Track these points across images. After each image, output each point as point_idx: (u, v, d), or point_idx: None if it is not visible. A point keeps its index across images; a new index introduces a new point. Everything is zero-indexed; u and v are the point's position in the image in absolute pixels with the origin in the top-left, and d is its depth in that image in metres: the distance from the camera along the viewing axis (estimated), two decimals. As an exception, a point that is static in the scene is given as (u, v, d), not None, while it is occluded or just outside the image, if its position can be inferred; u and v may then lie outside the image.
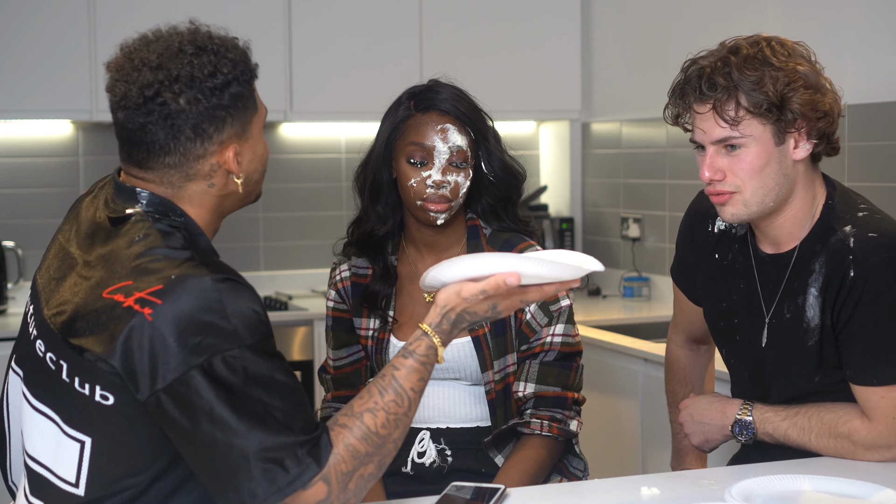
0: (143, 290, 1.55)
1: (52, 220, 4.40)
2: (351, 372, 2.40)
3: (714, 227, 2.21)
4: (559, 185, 4.98)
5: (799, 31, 3.65)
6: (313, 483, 1.56)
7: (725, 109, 1.96)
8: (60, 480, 1.63)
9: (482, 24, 4.61)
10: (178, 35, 1.71)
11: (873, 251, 1.96)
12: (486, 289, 1.68)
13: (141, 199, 1.68)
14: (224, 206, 1.74)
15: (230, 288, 1.57)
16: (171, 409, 1.53)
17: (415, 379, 1.67)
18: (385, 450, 1.64)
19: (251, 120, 1.71)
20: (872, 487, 1.81)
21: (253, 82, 1.73)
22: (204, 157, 1.67)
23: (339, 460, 1.59)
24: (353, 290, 2.37)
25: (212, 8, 4.22)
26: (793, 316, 2.06)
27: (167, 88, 1.65)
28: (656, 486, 1.92)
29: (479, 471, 2.30)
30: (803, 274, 2.04)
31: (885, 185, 3.32)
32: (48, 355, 1.63)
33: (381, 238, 2.33)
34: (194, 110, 1.65)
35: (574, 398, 2.29)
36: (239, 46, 1.73)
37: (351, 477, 1.59)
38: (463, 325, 1.73)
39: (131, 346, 1.53)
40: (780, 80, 1.94)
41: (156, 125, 1.65)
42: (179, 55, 1.67)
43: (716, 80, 1.95)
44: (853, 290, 1.97)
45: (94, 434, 1.60)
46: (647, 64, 4.46)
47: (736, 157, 1.98)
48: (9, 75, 4.05)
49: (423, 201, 2.24)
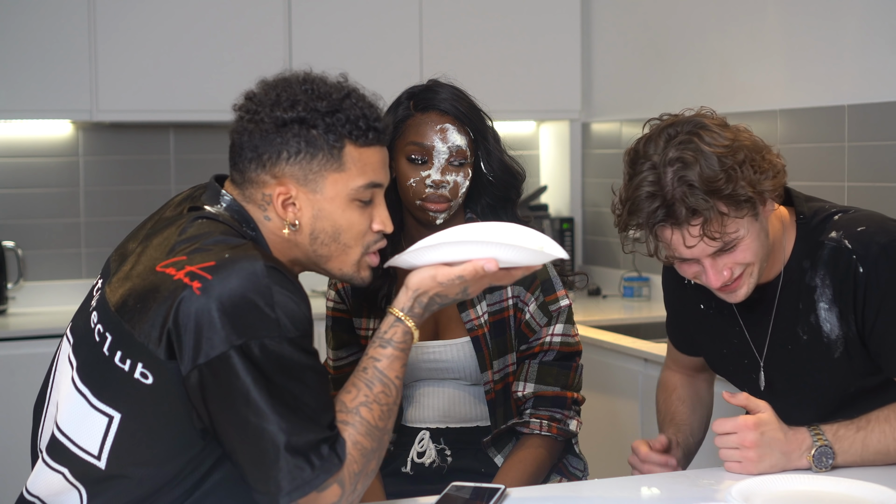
0: (196, 264, 1.58)
1: (52, 220, 4.40)
2: (350, 372, 2.39)
3: (692, 280, 2.10)
4: (559, 185, 4.98)
5: (799, 32, 3.66)
6: (329, 485, 1.57)
7: (713, 231, 1.87)
8: (84, 452, 1.65)
9: (482, 25, 4.61)
10: (315, 75, 1.78)
11: (870, 242, 1.95)
12: (462, 274, 1.71)
13: (223, 200, 1.73)
14: (295, 253, 1.73)
15: (280, 279, 1.59)
16: (210, 385, 1.56)
17: (398, 367, 1.70)
18: (383, 443, 1.66)
19: (325, 174, 1.69)
20: (873, 487, 1.81)
21: (345, 141, 1.69)
22: (256, 183, 1.70)
23: (350, 461, 1.60)
24: (352, 290, 2.38)
25: (212, 8, 4.22)
26: (810, 337, 2.02)
27: (251, 106, 1.71)
28: (656, 486, 1.92)
29: (479, 470, 2.30)
30: (804, 293, 2.01)
31: (885, 185, 3.31)
32: (98, 327, 1.66)
33: None
34: (256, 130, 1.69)
35: (573, 398, 2.29)
36: (347, 98, 1.72)
37: (359, 477, 1.61)
38: (433, 308, 1.75)
39: (179, 318, 1.56)
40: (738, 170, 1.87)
41: (235, 135, 1.72)
42: (284, 83, 1.73)
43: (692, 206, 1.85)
44: (869, 285, 1.95)
45: (125, 411, 1.62)
46: (647, 64, 4.46)
47: (733, 252, 1.93)
48: (9, 75, 4.05)
49: (422, 201, 2.24)
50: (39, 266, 4.39)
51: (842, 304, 1.98)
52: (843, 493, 1.82)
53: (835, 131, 3.47)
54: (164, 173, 4.48)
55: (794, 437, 1.93)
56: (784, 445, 1.92)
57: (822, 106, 3.52)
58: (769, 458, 1.92)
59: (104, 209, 4.42)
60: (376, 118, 1.73)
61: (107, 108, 4.13)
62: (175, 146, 4.51)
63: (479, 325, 2.27)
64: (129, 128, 4.45)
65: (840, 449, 1.93)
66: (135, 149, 4.47)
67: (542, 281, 2.28)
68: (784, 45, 3.73)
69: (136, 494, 1.64)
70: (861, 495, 1.80)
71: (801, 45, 3.64)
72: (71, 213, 4.42)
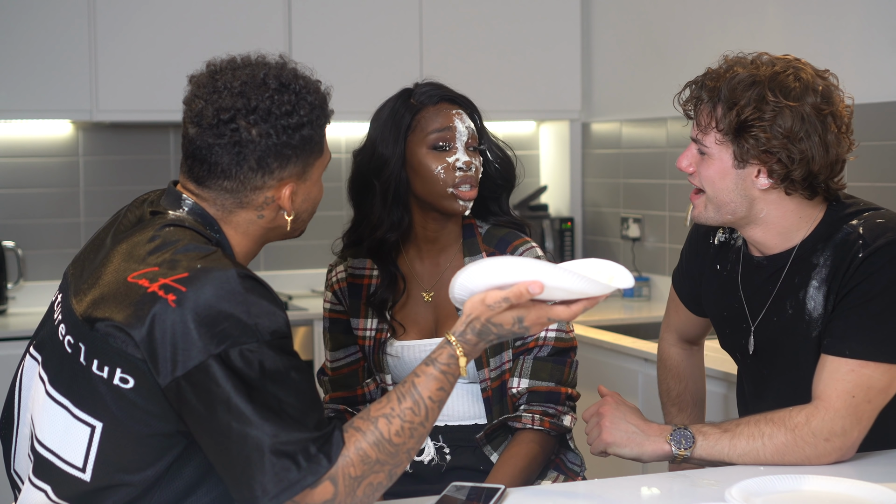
0: (169, 276, 1.58)
1: (52, 220, 4.40)
2: (348, 373, 2.40)
3: (715, 240, 2.24)
4: (559, 185, 4.98)
5: (799, 31, 3.66)
6: (321, 482, 1.56)
7: (701, 115, 2.03)
8: (67, 465, 1.63)
9: (482, 25, 4.61)
10: (265, 66, 1.74)
11: (882, 233, 1.98)
12: (508, 296, 1.64)
13: (185, 205, 1.73)
14: (268, 237, 1.79)
15: (254, 285, 1.60)
16: (190, 396, 1.55)
17: (434, 388, 1.65)
18: (397, 459, 1.63)
19: (314, 163, 1.76)
20: (872, 487, 1.81)
21: (325, 127, 1.76)
22: (261, 189, 1.72)
23: (347, 463, 1.59)
24: (349, 291, 2.38)
25: (212, 8, 4.22)
26: (794, 311, 2.06)
27: (243, 117, 1.69)
28: (656, 486, 1.92)
29: (478, 468, 2.30)
30: (804, 269, 2.04)
31: (885, 185, 3.31)
32: (67, 338, 1.65)
33: (392, 244, 2.33)
34: (263, 143, 1.69)
35: (568, 393, 2.30)
36: (320, 90, 1.77)
37: (360, 483, 1.59)
38: (490, 338, 1.68)
39: (154, 331, 1.55)
40: (753, 111, 1.96)
41: (223, 149, 1.69)
42: (262, 87, 1.70)
43: (706, 85, 2.03)
44: (860, 270, 1.97)
45: (106, 419, 1.61)
46: (647, 64, 4.46)
47: (702, 162, 2.05)
48: (9, 75, 4.05)
49: (454, 188, 2.25)
50: (39, 266, 4.39)
51: (831, 284, 2.00)
52: (843, 493, 1.82)
53: (835, 131, 3.47)
54: (163, 173, 4.48)
55: (654, 424, 2.06)
56: (642, 425, 2.06)
57: (822, 106, 3.52)
58: (622, 427, 2.06)
59: (104, 209, 4.41)
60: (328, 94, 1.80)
61: (107, 108, 4.13)
62: (175, 146, 4.51)
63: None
64: (129, 128, 4.45)
65: (703, 443, 1.99)
66: (135, 149, 4.47)
67: None
68: (784, 45, 3.73)
69: (126, 500, 1.63)
70: (861, 495, 1.80)
71: (801, 45, 3.64)
72: (71, 213, 4.42)
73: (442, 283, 2.33)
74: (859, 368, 1.95)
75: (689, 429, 2.01)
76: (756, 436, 1.97)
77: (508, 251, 2.30)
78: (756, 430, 1.97)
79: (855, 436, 1.96)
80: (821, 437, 1.95)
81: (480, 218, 2.37)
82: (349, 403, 2.39)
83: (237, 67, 1.75)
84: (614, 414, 2.08)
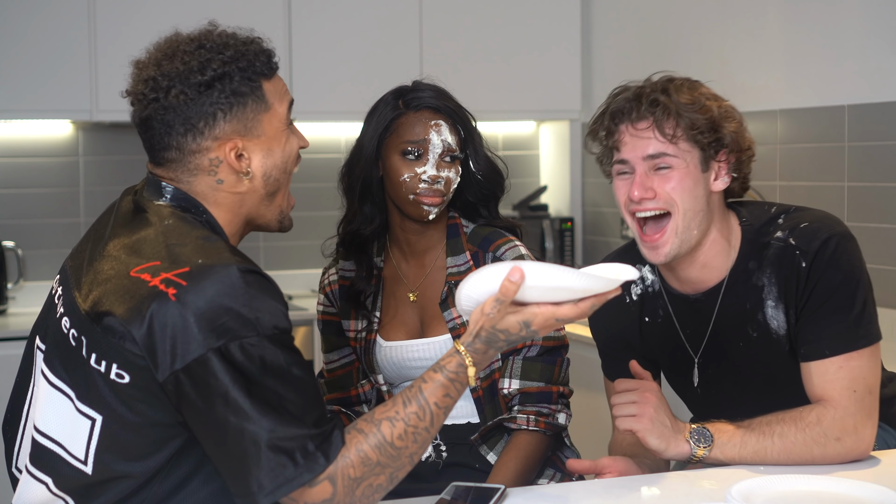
0: (171, 270, 1.58)
1: (52, 220, 4.40)
2: (343, 374, 2.41)
3: (632, 295, 2.19)
4: (559, 185, 4.98)
5: (799, 32, 3.66)
6: (319, 481, 1.56)
7: (665, 126, 1.98)
8: (71, 457, 1.64)
9: (482, 25, 4.61)
10: (187, 35, 1.75)
11: (811, 238, 1.99)
12: (498, 297, 1.62)
13: (165, 192, 1.72)
14: (246, 206, 1.75)
15: (255, 280, 1.60)
16: (189, 389, 1.55)
17: (440, 394, 1.64)
18: (399, 463, 1.62)
19: (259, 118, 1.72)
20: (873, 487, 1.81)
21: (260, 80, 1.73)
22: (199, 151, 1.70)
23: (347, 464, 1.58)
24: (340, 293, 2.39)
25: (212, 8, 4.22)
26: (759, 334, 2.05)
27: (159, 84, 1.68)
28: (656, 486, 1.92)
29: (473, 466, 2.31)
30: (751, 292, 2.05)
31: (885, 185, 3.32)
32: (71, 332, 1.65)
33: (366, 238, 2.34)
34: (182, 105, 1.68)
35: (560, 392, 2.30)
36: (242, 44, 1.75)
37: (359, 484, 1.59)
38: (499, 344, 1.66)
39: (154, 325, 1.55)
40: (715, 108, 2.01)
41: (153, 120, 1.70)
42: (177, 53, 1.71)
43: (658, 98, 1.99)
44: (809, 278, 1.98)
45: (105, 412, 1.61)
46: (647, 64, 4.46)
47: (664, 177, 2.00)
48: (9, 75, 4.05)
49: (416, 195, 2.25)
50: (39, 266, 4.39)
51: (787, 300, 2.01)
52: (843, 493, 1.82)
53: (835, 131, 3.47)
54: (164, 173, 4.47)
55: (678, 421, 2.00)
56: (673, 421, 1.98)
57: (822, 106, 3.52)
58: (660, 418, 1.97)
59: (104, 209, 4.41)
60: (269, 49, 1.78)
61: (107, 108, 4.13)
62: (175, 146, 4.50)
63: (461, 324, 2.28)
64: (129, 128, 4.44)
65: (720, 440, 1.96)
66: (135, 149, 4.44)
67: None
68: (784, 45, 3.73)
69: (127, 492, 1.63)
70: (861, 495, 1.80)
71: (801, 45, 3.64)
72: (71, 213, 4.42)
73: (427, 283, 2.34)
74: (847, 363, 1.95)
75: (708, 427, 1.99)
76: (767, 434, 1.96)
77: (490, 250, 2.30)
78: (768, 429, 1.96)
79: (868, 434, 1.96)
80: (832, 437, 1.95)
81: (470, 218, 2.37)
82: (343, 405, 2.39)
83: (163, 42, 1.76)
84: (658, 405, 1.98)
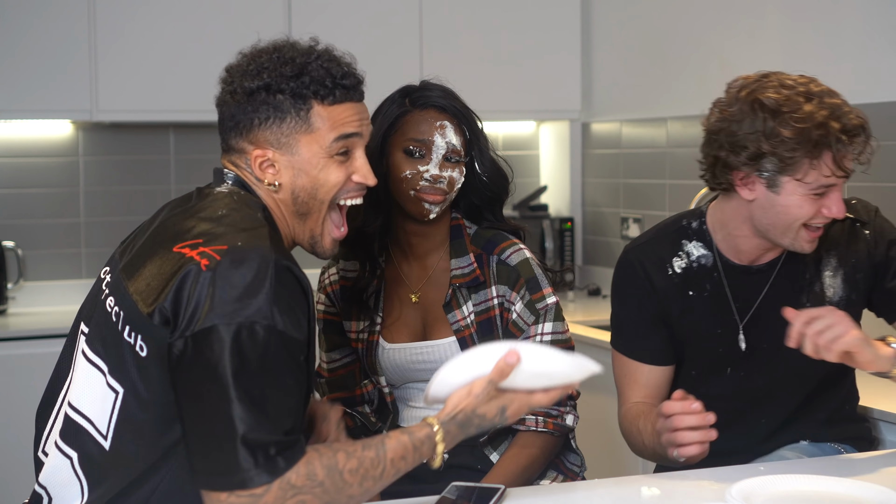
0: (209, 246, 1.62)
1: (52, 220, 4.40)
2: (345, 374, 2.40)
3: (676, 268, 2.23)
4: (559, 185, 4.98)
5: (799, 31, 3.66)
6: (264, 482, 1.54)
7: (866, 149, 2.12)
8: (97, 431, 1.67)
9: (482, 25, 4.61)
10: (278, 43, 1.81)
11: (863, 210, 2.22)
12: (491, 378, 1.67)
13: (227, 178, 1.79)
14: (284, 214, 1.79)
15: (288, 280, 1.62)
16: (188, 355, 1.57)
17: (398, 455, 1.66)
18: (338, 496, 1.60)
19: (297, 137, 1.75)
20: (872, 487, 1.81)
21: (311, 102, 1.75)
22: (238, 150, 1.78)
23: (293, 470, 1.57)
24: (341, 293, 2.38)
25: (212, 8, 4.22)
26: (813, 304, 2.16)
27: (226, 78, 1.79)
28: (656, 486, 1.92)
29: (475, 467, 2.29)
30: (811, 264, 2.18)
31: (885, 185, 3.31)
32: (115, 309, 1.69)
33: (368, 235, 2.33)
34: (232, 103, 1.76)
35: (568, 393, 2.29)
36: (312, 62, 1.76)
37: (294, 495, 1.57)
38: (469, 430, 1.71)
39: (182, 290, 1.59)
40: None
41: (219, 108, 1.80)
42: (260, 55, 1.78)
43: (865, 126, 2.11)
44: (878, 244, 2.16)
45: (126, 385, 1.65)
46: (647, 64, 4.46)
47: (839, 191, 2.12)
48: (9, 75, 4.05)
49: (416, 192, 2.24)
50: (39, 266, 4.40)
51: (847, 268, 2.16)
52: (843, 493, 1.82)
53: (835, 131, 3.47)
54: (163, 173, 4.48)
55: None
56: (881, 346, 1.98)
57: (822, 106, 3.52)
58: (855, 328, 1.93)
59: (104, 209, 4.41)
60: (343, 75, 1.78)
61: (107, 108, 4.13)
62: (175, 146, 4.51)
63: (465, 326, 2.27)
64: (129, 128, 4.45)
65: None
66: (135, 149, 4.47)
67: (526, 279, 2.27)
68: (784, 45, 3.73)
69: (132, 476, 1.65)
70: (861, 495, 1.80)
71: (801, 45, 3.64)
72: (71, 213, 4.42)
73: (429, 285, 2.33)
74: None
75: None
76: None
77: (495, 253, 2.29)
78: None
79: None
80: None
81: (473, 220, 2.36)
82: (348, 404, 2.38)
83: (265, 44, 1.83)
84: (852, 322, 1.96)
